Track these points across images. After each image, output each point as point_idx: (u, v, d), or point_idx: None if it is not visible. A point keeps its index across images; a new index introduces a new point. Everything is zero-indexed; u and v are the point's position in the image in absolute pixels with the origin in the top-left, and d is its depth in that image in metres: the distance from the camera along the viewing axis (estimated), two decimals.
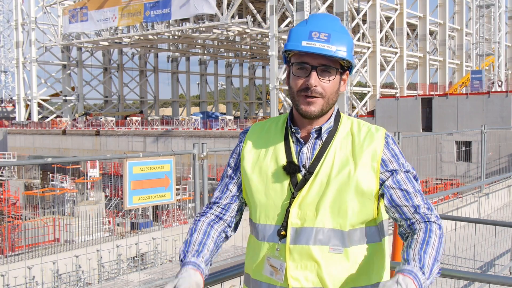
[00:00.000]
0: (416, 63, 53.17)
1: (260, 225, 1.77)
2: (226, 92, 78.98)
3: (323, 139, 1.76)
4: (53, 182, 31.44)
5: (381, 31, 46.36)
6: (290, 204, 1.71)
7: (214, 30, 47.42)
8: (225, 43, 61.94)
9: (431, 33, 56.36)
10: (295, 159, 1.75)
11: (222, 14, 43.94)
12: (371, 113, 39.19)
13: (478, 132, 10.44)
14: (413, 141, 11.26)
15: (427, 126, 33.85)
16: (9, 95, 77.71)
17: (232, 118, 49.45)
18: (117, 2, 50.89)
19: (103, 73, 66.97)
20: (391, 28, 48.37)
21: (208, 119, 49.59)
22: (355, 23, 44.71)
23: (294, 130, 1.78)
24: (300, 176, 1.72)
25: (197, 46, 64.95)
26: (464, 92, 39.08)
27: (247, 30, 45.55)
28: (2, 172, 37.98)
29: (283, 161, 1.75)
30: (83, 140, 48.87)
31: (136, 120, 50.58)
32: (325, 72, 1.70)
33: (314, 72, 1.69)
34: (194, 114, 59.27)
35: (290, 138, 1.79)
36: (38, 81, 61.18)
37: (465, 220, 4.83)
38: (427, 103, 34.42)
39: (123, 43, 57.06)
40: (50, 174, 32.41)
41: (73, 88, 62.91)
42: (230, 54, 74.32)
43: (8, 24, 73.99)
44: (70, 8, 55.19)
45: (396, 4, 48.27)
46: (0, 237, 20.57)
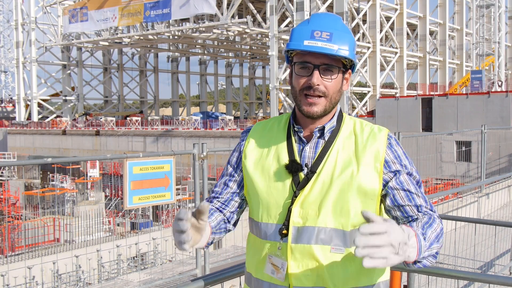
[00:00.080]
0: (416, 63, 53.16)
1: (262, 224, 1.76)
2: (226, 92, 78.96)
3: (326, 139, 1.76)
4: (53, 182, 31.39)
5: (381, 31, 46.34)
6: (292, 203, 1.71)
7: (214, 30, 47.40)
8: (225, 43, 61.91)
9: (431, 33, 56.35)
10: (298, 158, 1.75)
11: (222, 14, 43.93)
12: (371, 113, 39.18)
13: (478, 132, 10.43)
14: (413, 141, 11.26)
15: (427, 126, 33.83)
16: (9, 95, 77.72)
17: (232, 118, 49.45)
18: (117, 2, 50.88)
19: (103, 73, 66.94)
20: (391, 28, 48.36)
21: (208, 119, 49.57)
22: (355, 23, 44.68)
23: (297, 129, 1.78)
24: (303, 175, 1.72)
25: (197, 46, 64.92)
26: (464, 92, 39.06)
27: (247, 30, 45.53)
28: (2, 172, 37.95)
29: (286, 160, 1.75)
30: (83, 140, 48.86)
31: (136, 120, 50.57)
32: (328, 71, 1.70)
33: (317, 71, 1.69)
34: (194, 114, 59.23)
35: (293, 137, 1.79)
36: (38, 81, 61.16)
37: (465, 220, 4.82)
38: (427, 103, 34.41)
39: (123, 43, 57.04)
40: (50, 174, 32.37)
41: (73, 88, 62.89)
42: (230, 54, 74.29)
43: (8, 24, 74.01)
44: (70, 8, 55.17)
45: (396, 4, 48.25)
46: (0, 237, 20.55)
